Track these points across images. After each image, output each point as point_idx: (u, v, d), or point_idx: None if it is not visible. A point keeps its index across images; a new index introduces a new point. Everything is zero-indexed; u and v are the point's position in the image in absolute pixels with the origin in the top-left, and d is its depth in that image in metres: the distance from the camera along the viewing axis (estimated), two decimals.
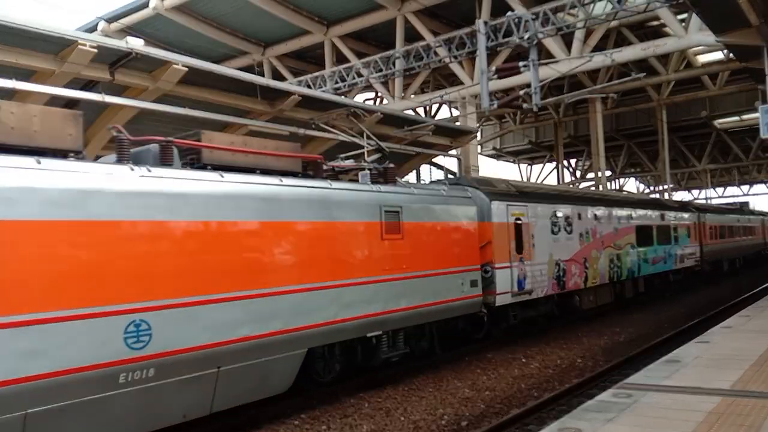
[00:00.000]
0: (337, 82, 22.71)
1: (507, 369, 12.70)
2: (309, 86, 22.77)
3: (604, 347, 14.95)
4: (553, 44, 20.71)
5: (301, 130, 16.03)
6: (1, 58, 10.81)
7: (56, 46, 11.20)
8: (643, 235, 21.37)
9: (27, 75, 11.48)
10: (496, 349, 14.46)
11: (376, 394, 10.87)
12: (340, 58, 25.81)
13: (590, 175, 47.21)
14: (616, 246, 19.34)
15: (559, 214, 16.40)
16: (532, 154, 52.08)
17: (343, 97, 21.64)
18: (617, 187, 52.82)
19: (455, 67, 23.11)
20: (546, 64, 17.46)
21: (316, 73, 24.07)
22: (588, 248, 17.72)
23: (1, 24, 10.07)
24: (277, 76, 26.95)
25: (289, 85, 20.45)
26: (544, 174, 52.78)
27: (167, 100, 13.34)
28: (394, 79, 23.85)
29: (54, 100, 12.14)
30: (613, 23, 21.97)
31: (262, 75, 25.09)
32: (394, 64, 21.82)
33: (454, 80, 27.55)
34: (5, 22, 10.10)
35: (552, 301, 16.12)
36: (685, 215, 26.09)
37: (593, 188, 33.46)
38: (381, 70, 21.87)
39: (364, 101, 30.97)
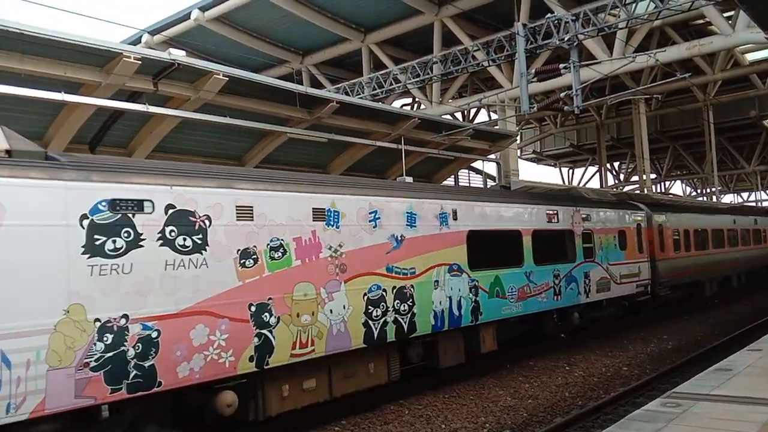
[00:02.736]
0: (374, 89, 22.76)
1: (550, 377, 12.46)
2: (347, 93, 22.88)
3: (650, 355, 14.54)
4: (594, 45, 20.34)
5: (339, 137, 16.13)
6: (50, 71, 11.16)
7: (102, 58, 11.50)
8: (490, 248, 12.39)
9: (75, 87, 11.83)
10: (538, 357, 14.22)
11: (416, 401, 10.80)
12: (378, 65, 25.89)
13: (634, 178, 46.28)
14: (398, 272, 10.35)
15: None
16: (573, 157, 51.26)
17: (380, 103, 21.70)
18: (662, 190, 51.47)
19: (494, 71, 22.91)
20: (587, 65, 17.16)
21: (354, 80, 24.18)
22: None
23: (50, 38, 10.40)
24: (315, 83, 27.20)
25: (327, 92, 20.60)
26: (587, 177, 51.88)
27: (208, 109, 13.58)
28: (431, 84, 23.78)
29: (100, 111, 12.51)
30: (657, 22, 21.45)
31: (301, 83, 25.34)
32: (431, 69, 21.76)
33: (492, 84, 27.32)
34: (55, 36, 10.43)
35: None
36: (613, 214, 16.78)
37: (638, 191, 32.67)
38: (418, 76, 21.83)
39: (401, 107, 31.00)
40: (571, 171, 55.06)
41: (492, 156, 23.34)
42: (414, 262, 10.56)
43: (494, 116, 31.91)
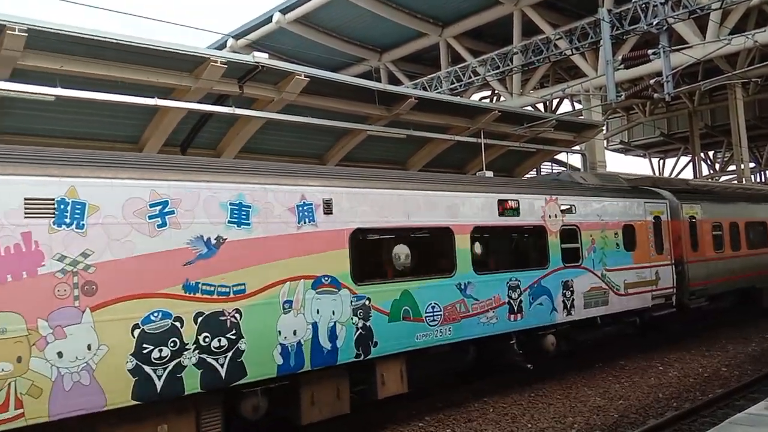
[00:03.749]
0: (452, 83, 22.57)
1: (642, 377, 11.95)
2: (425, 88, 22.82)
3: (752, 355, 13.68)
4: (685, 28, 19.27)
5: (417, 133, 16.11)
6: (144, 78, 11.76)
7: (191, 64, 12.00)
8: (395, 252, 9.48)
9: (167, 92, 12.41)
10: (629, 356, 13.68)
11: (501, 399, 10.65)
12: (456, 58, 25.63)
13: (731, 167, 43.62)
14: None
15: None
16: (664, 147, 48.85)
17: (459, 97, 21.50)
18: (762, 180, 48.17)
19: (577, 59, 22.16)
20: (678, 50, 16.26)
21: (432, 75, 24.07)
22: None
23: (143, 46, 10.95)
24: (393, 80, 27.27)
25: (405, 88, 20.62)
26: (679, 167, 49.38)
27: (291, 109, 13.90)
28: (511, 75, 23.30)
29: (190, 114, 13.07)
30: (754, 1, 20.06)
31: (379, 80, 25.51)
32: (511, 60, 21.33)
33: (576, 73, 26.46)
34: (148, 45, 10.98)
35: None
36: (615, 204, 13.27)
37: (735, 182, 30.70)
38: (498, 67, 21.46)
39: (480, 100, 30.59)
40: (661, 161, 52.52)
41: (577, 147, 22.61)
42: (242, 275, 7.52)
43: (578, 106, 30.92)
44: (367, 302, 8.66)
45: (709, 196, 17.46)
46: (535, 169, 23.73)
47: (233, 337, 7.38)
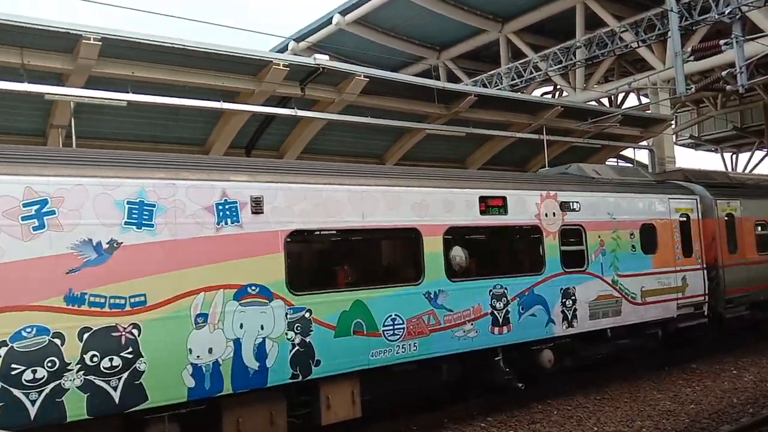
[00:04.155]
0: (513, 79, 22.21)
1: (715, 381, 11.46)
2: (484, 85, 22.56)
3: None
4: (760, 17, 18.31)
5: (477, 131, 15.95)
6: (209, 82, 12.12)
7: (255, 67, 12.31)
8: (344, 256, 8.64)
9: (232, 96, 12.76)
10: (702, 359, 13.14)
11: (566, 402, 10.43)
12: (516, 54, 25.22)
13: None
14: None
15: None
16: (737, 141, 46.59)
17: (520, 93, 21.16)
18: None
19: (644, 52, 21.39)
20: (752, 39, 15.49)
21: (492, 72, 23.77)
22: None
23: (209, 51, 11.30)
24: (452, 78, 27.09)
25: (465, 86, 20.45)
26: (753, 162, 47.05)
27: (351, 110, 14.04)
28: (574, 70, 22.74)
29: (254, 117, 13.39)
30: None
31: (438, 79, 25.38)
32: (574, 54, 20.83)
33: (642, 66, 25.55)
34: (213, 50, 11.33)
35: None
36: (631, 200, 11.73)
37: None
38: (560, 62, 20.98)
39: (541, 95, 30.01)
40: (734, 156, 50.14)
41: (644, 143, 21.87)
42: (142, 285, 6.51)
43: (645, 100, 29.87)
44: (307, 315, 7.49)
45: (753, 192, 15.40)
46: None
47: (129, 356, 6.35)
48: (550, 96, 31.34)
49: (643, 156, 25.37)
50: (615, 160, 25.18)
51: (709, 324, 12.78)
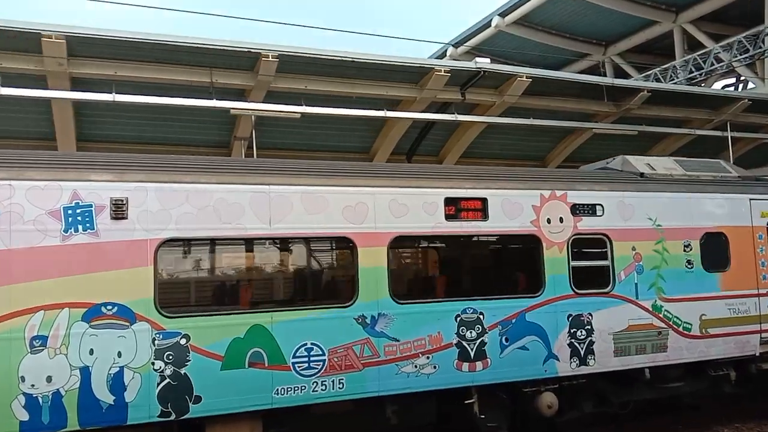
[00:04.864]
0: (690, 71, 20.47)
1: None
2: (657, 80, 21.04)
3: None
4: None
5: (650, 128, 14.89)
6: (374, 91, 12.53)
7: (417, 75, 12.55)
8: (239, 272, 7.50)
9: (395, 104, 13.11)
10: None
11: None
12: (692, 45, 23.23)
13: None
14: None
15: None
16: None
17: (699, 86, 19.45)
18: None
19: None
20: None
21: (665, 65, 22.09)
22: None
23: (377, 62, 11.72)
24: (620, 73, 25.60)
25: (636, 81, 19.19)
26: None
27: (512, 112, 13.79)
28: (763, 59, 20.43)
29: (415, 124, 13.65)
30: None
31: (605, 75, 24.14)
32: (763, 41, 18.72)
33: None
34: (380, 60, 11.73)
35: None
36: (687, 200, 9.25)
37: None
38: (746, 51, 18.96)
39: (722, 88, 27.33)
40: None
41: None
42: None
43: None
44: (182, 341, 6.26)
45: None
46: None
47: None
48: (732, 89, 28.50)
49: None
50: None
51: None
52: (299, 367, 6.66)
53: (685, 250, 8.92)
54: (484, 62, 13.05)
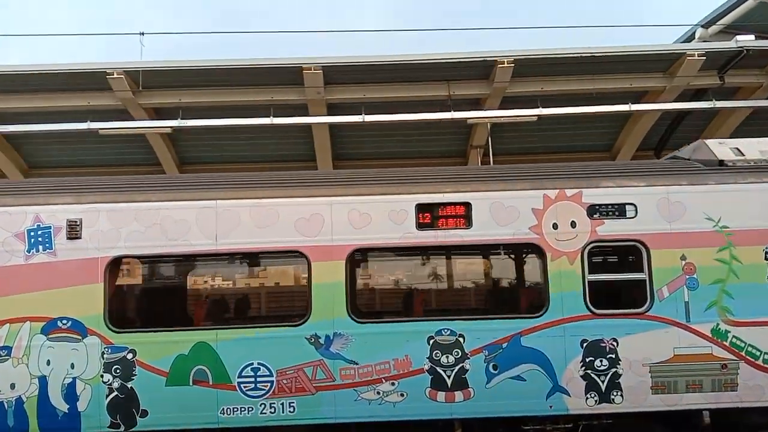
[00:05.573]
0: None
1: None
2: None
3: None
4: None
5: None
6: (615, 85, 11.81)
7: (665, 63, 11.58)
8: (189, 290, 7.25)
9: (639, 96, 12.22)
10: None
11: None
12: None
13: None
14: None
15: None
16: None
17: None
18: None
19: None
20: None
21: None
22: None
23: (619, 54, 11.07)
24: None
25: None
26: None
27: None
28: None
29: (663, 116, 12.58)
30: None
31: None
32: None
33: None
34: (623, 51, 11.06)
35: None
36: (756, 192, 6.52)
37: None
38: None
39: None
40: None
41: None
42: None
43: None
44: (129, 356, 6.43)
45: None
46: None
47: None
48: None
49: None
50: None
51: None
52: (245, 387, 6.49)
53: (766, 259, 6.79)
54: (747, 39, 11.55)
